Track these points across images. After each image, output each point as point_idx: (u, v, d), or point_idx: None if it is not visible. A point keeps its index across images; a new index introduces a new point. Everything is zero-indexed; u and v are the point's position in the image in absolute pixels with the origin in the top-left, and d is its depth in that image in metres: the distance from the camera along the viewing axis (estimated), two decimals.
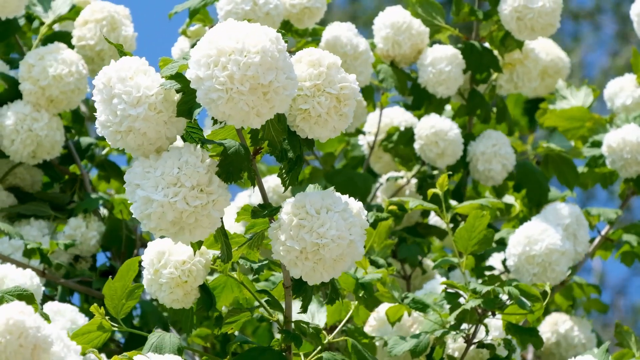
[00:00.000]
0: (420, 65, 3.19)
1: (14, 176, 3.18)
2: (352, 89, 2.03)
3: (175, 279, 2.20)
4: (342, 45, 3.09)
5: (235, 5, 2.93)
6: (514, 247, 2.91)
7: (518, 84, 3.30)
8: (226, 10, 2.95)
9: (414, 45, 3.20)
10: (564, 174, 3.30)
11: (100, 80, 1.98)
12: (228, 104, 1.87)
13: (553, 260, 2.88)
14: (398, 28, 3.19)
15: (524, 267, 2.89)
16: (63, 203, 3.16)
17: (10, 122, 2.98)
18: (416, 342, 2.47)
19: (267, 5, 2.94)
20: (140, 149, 1.98)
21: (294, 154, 2.04)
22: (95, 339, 2.22)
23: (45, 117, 3.00)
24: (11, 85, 3.03)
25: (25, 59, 3.00)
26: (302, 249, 1.97)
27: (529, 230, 2.90)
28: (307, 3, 3.05)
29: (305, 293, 2.08)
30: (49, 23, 3.15)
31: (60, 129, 3.03)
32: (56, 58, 2.98)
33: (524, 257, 2.88)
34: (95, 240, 3.08)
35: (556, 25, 3.12)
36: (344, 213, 2.00)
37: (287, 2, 3.05)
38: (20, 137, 2.98)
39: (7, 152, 3.01)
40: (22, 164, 3.13)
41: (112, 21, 3.11)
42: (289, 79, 1.90)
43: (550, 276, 2.88)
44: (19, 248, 2.91)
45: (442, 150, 3.14)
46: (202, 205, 1.95)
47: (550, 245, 2.87)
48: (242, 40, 1.88)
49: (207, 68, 1.87)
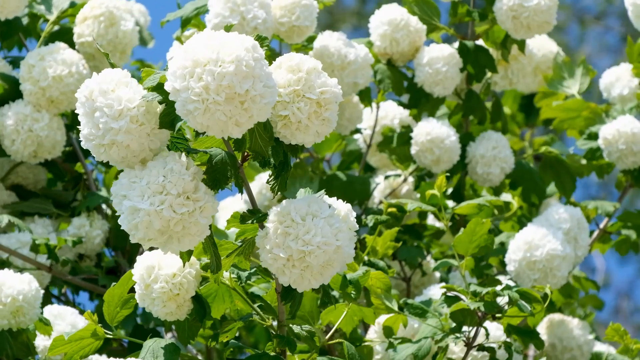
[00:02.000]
0: (417, 65, 3.17)
1: (16, 175, 3.19)
2: (333, 93, 2.01)
3: (167, 292, 2.20)
4: (329, 55, 3.06)
5: (222, 19, 2.92)
6: (514, 252, 2.88)
7: (513, 80, 3.28)
8: (214, 23, 2.94)
9: (412, 42, 3.18)
10: (562, 182, 3.27)
11: (82, 94, 1.99)
12: (205, 115, 1.87)
13: (554, 266, 2.84)
14: (396, 25, 3.17)
15: (524, 272, 2.86)
16: (66, 201, 3.17)
17: (10, 122, 2.99)
18: (418, 347, 2.46)
19: (255, 20, 2.92)
20: (124, 161, 1.99)
21: (276, 160, 2.03)
22: (87, 347, 2.24)
23: (45, 117, 3.01)
24: (12, 86, 3.04)
25: (26, 59, 3.00)
26: (288, 256, 1.97)
27: (529, 236, 2.87)
28: (295, 22, 3.02)
29: (293, 299, 2.08)
30: (53, 20, 3.15)
31: (61, 129, 3.04)
32: (56, 59, 2.98)
33: (525, 263, 2.85)
34: (100, 238, 3.09)
35: (552, 23, 3.09)
36: (330, 219, 1.99)
37: (276, 20, 3.03)
38: (21, 138, 2.99)
39: (8, 151, 3.02)
40: (24, 162, 3.15)
41: (111, 17, 3.09)
42: (266, 87, 1.89)
43: (552, 282, 2.85)
44: (26, 243, 2.92)
45: (438, 157, 3.11)
46: (189, 212, 1.95)
47: (551, 251, 2.83)
48: (217, 49, 1.87)
49: (183, 79, 1.87)
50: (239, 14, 2.93)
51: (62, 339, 2.22)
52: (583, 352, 3.05)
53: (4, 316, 2.52)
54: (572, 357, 3.06)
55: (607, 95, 3.32)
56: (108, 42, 3.10)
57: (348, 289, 2.31)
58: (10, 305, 2.52)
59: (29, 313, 2.53)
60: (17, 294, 2.52)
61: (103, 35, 3.09)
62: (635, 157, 3.11)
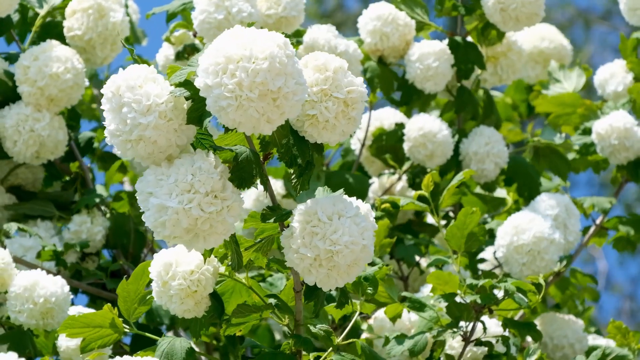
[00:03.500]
0: (408, 61, 3.18)
1: (15, 176, 3.16)
2: (359, 92, 2.02)
3: (185, 289, 2.19)
4: (319, 48, 3.05)
5: (208, 14, 2.90)
6: (502, 238, 2.89)
7: (502, 76, 3.29)
8: (200, 19, 2.92)
9: (402, 36, 3.19)
10: (556, 165, 3.28)
11: (109, 89, 1.97)
12: (238, 111, 1.86)
13: (542, 248, 2.84)
14: (384, 20, 3.17)
15: (512, 257, 2.86)
16: (67, 201, 3.14)
17: (11, 123, 2.96)
18: (414, 342, 2.47)
19: (241, 14, 2.90)
20: (151, 157, 1.97)
21: (303, 160, 2.03)
22: (106, 337, 2.22)
23: (47, 117, 2.97)
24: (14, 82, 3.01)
25: (20, 61, 2.96)
26: (315, 256, 1.96)
27: (517, 220, 2.88)
28: (282, 13, 3.01)
29: (317, 298, 2.07)
30: (43, 15, 3.11)
31: (62, 128, 3.01)
32: (50, 56, 2.94)
33: (513, 247, 2.86)
34: (101, 235, 3.07)
35: (541, 15, 3.11)
36: (356, 218, 2.00)
37: (263, 12, 3.02)
38: (23, 138, 2.96)
39: (10, 153, 2.99)
40: (24, 163, 3.12)
41: (99, 9, 3.05)
42: (298, 84, 1.89)
43: (540, 265, 2.85)
44: (29, 249, 2.89)
45: (431, 151, 3.12)
46: (217, 211, 1.94)
47: (537, 234, 2.84)
48: (249, 46, 1.87)
49: (216, 76, 1.86)
50: (224, 9, 2.91)
51: (77, 319, 2.19)
52: (575, 350, 3.05)
53: (34, 316, 2.50)
54: (563, 355, 3.07)
55: (602, 92, 3.35)
56: (98, 34, 3.06)
57: (364, 286, 2.31)
58: (42, 306, 2.50)
59: (57, 316, 2.52)
60: (50, 296, 2.51)
61: (92, 28, 3.05)
62: (628, 152, 3.13)
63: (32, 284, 2.52)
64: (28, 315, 2.52)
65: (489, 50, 3.25)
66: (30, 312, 2.51)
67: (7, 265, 2.55)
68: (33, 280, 2.53)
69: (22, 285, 2.52)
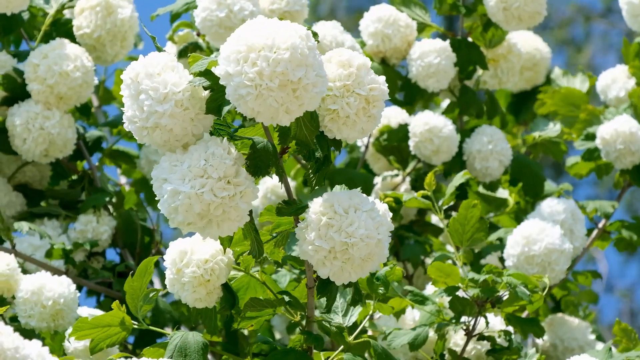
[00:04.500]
0: (409, 60, 3.18)
1: (22, 174, 3.16)
2: (381, 90, 2.02)
3: (198, 277, 2.17)
4: (326, 44, 3.05)
5: (210, 12, 2.91)
6: (512, 247, 2.88)
7: (502, 79, 3.29)
8: (202, 17, 2.92)
9: (404, 37, 3.19)
10: (552, 151, 3.29)
11: (128, 75, 1.97)
12: (257, 100, 1.86)
13: (553, 259, 2.85)
14: (386, 21, 3.18)
15: (523, 267, 2.86)
16: (73, 200, 3.14)
17: (21, 121, 2.95)
18: (415, 335, 2.46)
19: (242, 11, 2.91)
20: (167, 144, 1.97)
21: (322, 154, 2.03)
22: (114, 335, 2.21)
23: (56, 115, 2.97)
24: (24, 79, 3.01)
25: (29, 59, 2.96)
26: (330, 248, 1.96)
27: (527, 230, 2.88)
28: (285, 7, 3.02)
29: (330, 293, 2.06)
30: (52, 14, 3.11)
31: (72, 127, 3.01)
32: (60, 55, 2.94)
33: (523, 258, 2.86)
34: (107, 235, 3.06)
35: (543, 13, 3.11)
36: (372, 212, 1.99)
37: (266, 8, 3.02)
38: (32, 136, 2.95)
39: (18, 151, 2.99)
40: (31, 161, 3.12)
41: (107, 6, 3.05)
42: (318, 77, 1.89)
43: (550, 275, 2.85)
44: (38, 248, 2.88)
45: (437, 147, 3.13)
46: (230, 196, 1.94)
47: (549, 245, 2.84)
48: (271, 36, 1.86)
49: (237, 64, 1.86)
50: (226, 7, 2.92)
51: (86, 321, 2.19)
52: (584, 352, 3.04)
53: (44, 319, 2.50)
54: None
55: (605, 98, 3.34)
56: (107, 31, 3.06)
57: (374, 286, 2.30)
58: (51, 308, 2.50)
59: (67, 316, 2.52)
60: (59, 297, 2.51)
61: (101, 25, 3.06)
62: (633, 157, 3.12)
63: (39, 287, 2.52)
64: (38, 319, 2.52)
65: (489, 52, 3.26)
66: (40, 315, 2.51)
67: (13, 270, 2.55)
68: (39, 283, 2.52)
69: (29, 289, 2.53)
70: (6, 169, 3.16)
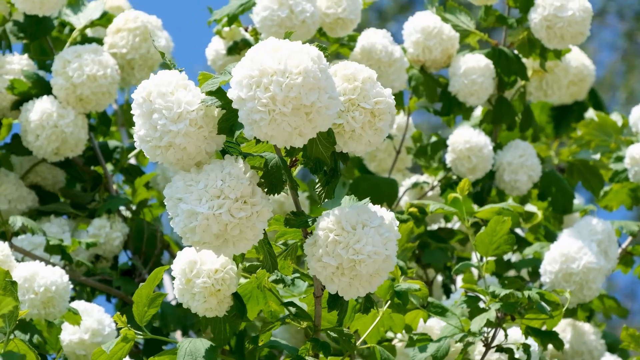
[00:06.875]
0: (453, 75, 3.20)
1: (35, 174, 3.19)
2: (387, 103, 2.03)
3: (209, 288, 2.19)
4: (377, 52, 3.10)
5: (271, 12, 2.95)
6: (550, 264, 2.92)
7: (547, 92, 3.33)
8: (262, 16, 2.96)
9: (445, 50, 3.21)
10: (589, 181, 3.33)
11: (139, 95, 1.98)
12: (270, 125, 1.88)
13: (590, 278, 2.89)
14: (429, 33, 3.20)
15: (560, 284, 2.90)
16: (84, 202, 3.17)
17: (35, 117, 2.99)
18: (437, 347, 2.49)
19: (304, 13, 2.96)
20: (180, 163, 1.99)
21: (329, 167, 2.05)
22: (118, 352, 2.22)
23: (71, 114, 3.01)
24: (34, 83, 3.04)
25: (62, 54, 3.01)
26: (338, 265, 1.99)
27: (566, 248, 2.91)
28: (341, 14, 3.06)
29: (341, 307, 2.10)
30: (81, 28, 3.17)
31: (85, 127, 3.05)
32: (94, 58, 3.00)
33: (561, 275, 2.90)
34: (119, 241, 3.10)
35: (586, 34, 3.12)
36: (380, 228, 2.01)
37: (322, 10, 3.06)
38: (46, 133, 2.99)
39: (30, 147, 3.02)
40: (44, 161, 3.15)
41: (145, 31, 3.14)
42: (331, 99, 1.91)
43: (587, 294, 2.90)
44: (39, 245, 2.92)
45: (474, 165, 3.16)
46: (247, 216, 1.96)
47: (588, 264, 2.88)
48: (284, 60, 1.88)
49: (249, 89, 1.88)
50: (288, 7, 2.97)
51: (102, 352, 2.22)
52: (594, 357, 3.10)
53: (35, 305, 2.52)
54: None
55: (637, 130, 3.33)
56: (141, 55, 3.15)
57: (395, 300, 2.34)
58: (43, 295, 2.52)
59: (58, 305, 2.54)
60: (50, 285, 2.53)
61: (137, 48, 3.14)
62: None
63: (32, 274, 2.55)
64: (29, 305, 2.54)
65: (535, 64, 3.28)
66: (32, 302, 2.53)
67: (7, 257, 2.58)
68: (32, 271, 2.55)
69: (22, 276, 2.55)
70: (19, 171, 3.20)
